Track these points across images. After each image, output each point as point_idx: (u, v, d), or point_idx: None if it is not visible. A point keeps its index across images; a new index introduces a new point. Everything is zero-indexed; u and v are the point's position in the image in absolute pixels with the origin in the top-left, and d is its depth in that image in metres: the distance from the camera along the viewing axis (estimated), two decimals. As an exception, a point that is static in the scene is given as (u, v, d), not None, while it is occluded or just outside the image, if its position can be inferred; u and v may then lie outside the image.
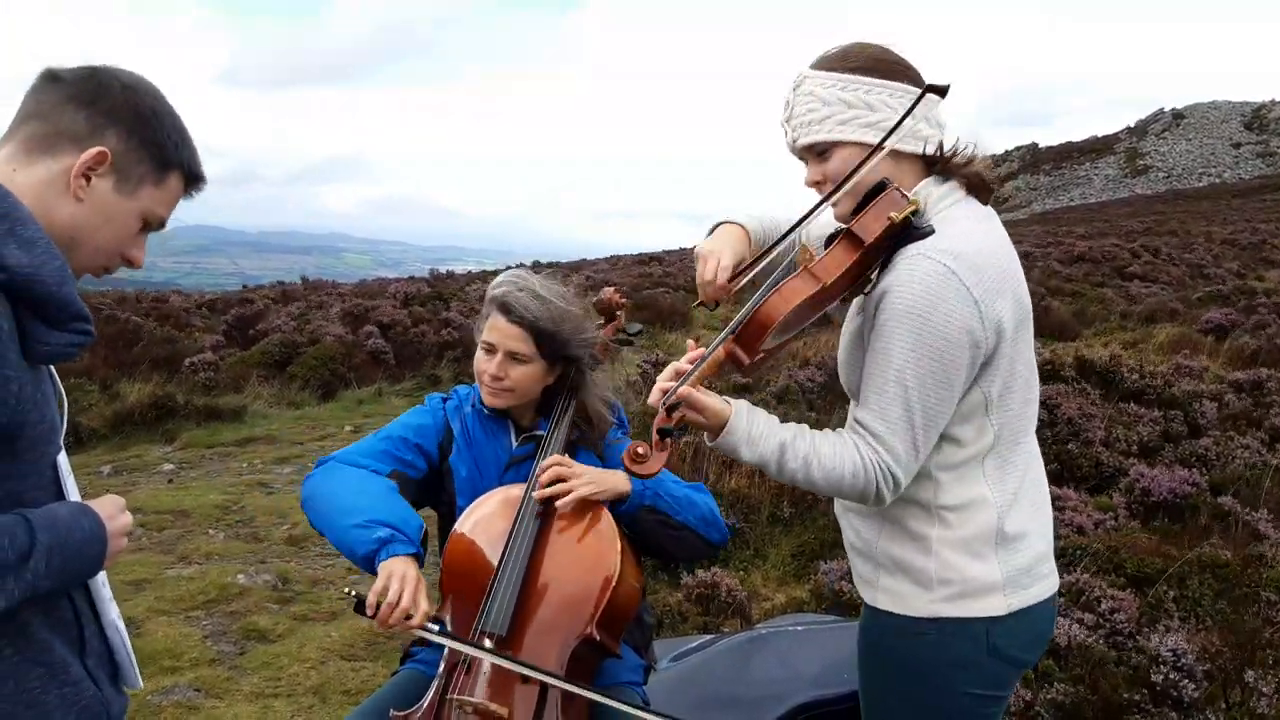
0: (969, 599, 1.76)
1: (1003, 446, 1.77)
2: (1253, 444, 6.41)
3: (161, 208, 1.51)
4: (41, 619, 1.36)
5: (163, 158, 1.48)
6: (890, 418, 1.67)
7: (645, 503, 2.16)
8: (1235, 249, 25.15)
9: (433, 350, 13.07)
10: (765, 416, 1.73)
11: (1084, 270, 20.24)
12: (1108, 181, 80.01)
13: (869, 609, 1.90)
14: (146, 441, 9.09)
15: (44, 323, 1.31)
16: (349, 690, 3.99)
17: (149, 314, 15.22)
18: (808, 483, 1.72)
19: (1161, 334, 11.82)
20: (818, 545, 5.41)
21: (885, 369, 1.67)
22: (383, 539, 1.96)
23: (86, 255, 1.46)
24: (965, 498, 1.76)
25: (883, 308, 1.68)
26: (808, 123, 1.77)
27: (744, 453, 1.70)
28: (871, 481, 1.68)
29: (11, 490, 1.32)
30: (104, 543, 1.38)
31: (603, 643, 2.03)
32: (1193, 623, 4.07)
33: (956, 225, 1.71)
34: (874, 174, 1.74)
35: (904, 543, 1.80)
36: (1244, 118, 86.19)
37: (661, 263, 26.42)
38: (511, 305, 2.20)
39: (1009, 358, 1.72)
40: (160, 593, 4.98)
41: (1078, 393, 7.13)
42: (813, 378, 7.96)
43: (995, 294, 1.67)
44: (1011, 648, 1.79)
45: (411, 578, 1.92)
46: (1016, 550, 1.78)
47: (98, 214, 1.43)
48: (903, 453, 1.68)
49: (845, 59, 1.76)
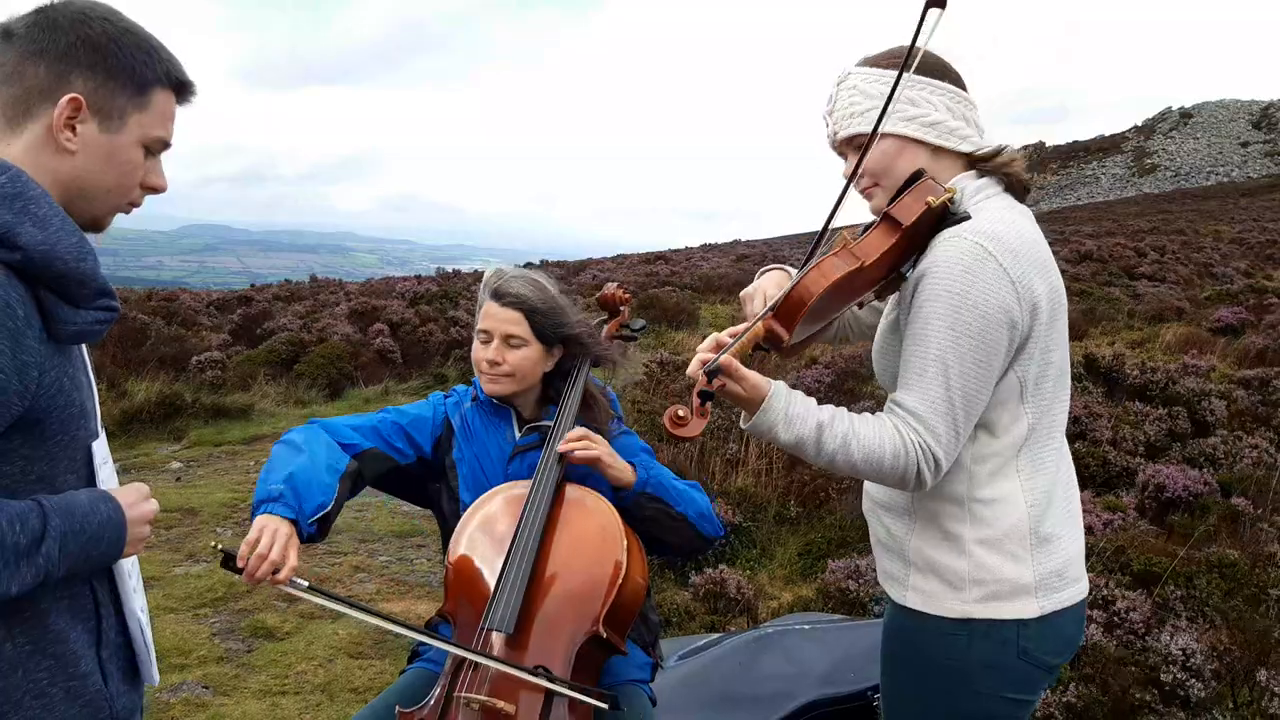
0: (1001, 600, 1.75)
1: (1035, 441, 1.77)
2: (1261, 443, 6.40)
3: (157, 129, 1.45)
4: (59, 606, 1.36)
5: (137, 81, 1.40)
6: (931, 398, 1.66)
7: (649, 490, 2.19)
8: (1243, 248, 25.06)
9: (440, 349, 13.08)
10: (803, 397, 1.71)
11: (1091, 269, 20.18)
12: (1115, 180, 79.82)
13: (896, 607, 1.88)
14: (154, 440, 9.12)
15: (66, 301, 1.31)
16: (356, 688, 4.00)
17: (156, 312, 15.24)
18: (847, 464, 1.68)
19: (1169, 333, 11.79)
20: (825, 544, 5.41)
21: (925, 350, 1.67)
22: (271, 495, 1.93)
23: (103, 200, 1.43)
24: (999, 493, 1.76)
25: (920, 289, 1.69)
26: (849, 115, 1.78)
27: (780, 432, 1.68)
28: (913, 463, 1.66)
29: (43, 474, 1.33)
30: (123, 529, 1.38)
31: (609, 640, 2.03)
32: (1201, 622, 4.06)
33: (993, 212, 1.72)
34: (909, 166, 1.75)
35: (937, 541, 1.79)
36: (1252, 116, 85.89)
37: (668, 261, 26.41)
38: (504, 290, 2.24)
39: (1043, 343, 1.72)
40: (168, 590, 5.00)
41: (1081, 390, 7.13)
42: (820, 378, 7.95)
43: (1030, 275, 1.67)
44: (1041, 651, 1.78)
45: (283, 533, 1.87)
46: (1050, 552, 1.77)
47: (96, 159, 1.39)
48: (944, 433, 1.66)
49: (891, 56, 1.78)
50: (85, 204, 1.41)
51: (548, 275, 2.34)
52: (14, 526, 1.22)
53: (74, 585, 1.38)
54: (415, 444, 2.29)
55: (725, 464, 6.42)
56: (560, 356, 2.31)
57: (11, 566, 1.22)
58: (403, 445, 2.27)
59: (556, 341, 2.28)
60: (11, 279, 1.25)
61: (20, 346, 1.24)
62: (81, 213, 1.41)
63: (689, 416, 1.63)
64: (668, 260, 26.98)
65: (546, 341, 2.26)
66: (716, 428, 6.77)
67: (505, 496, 2.20)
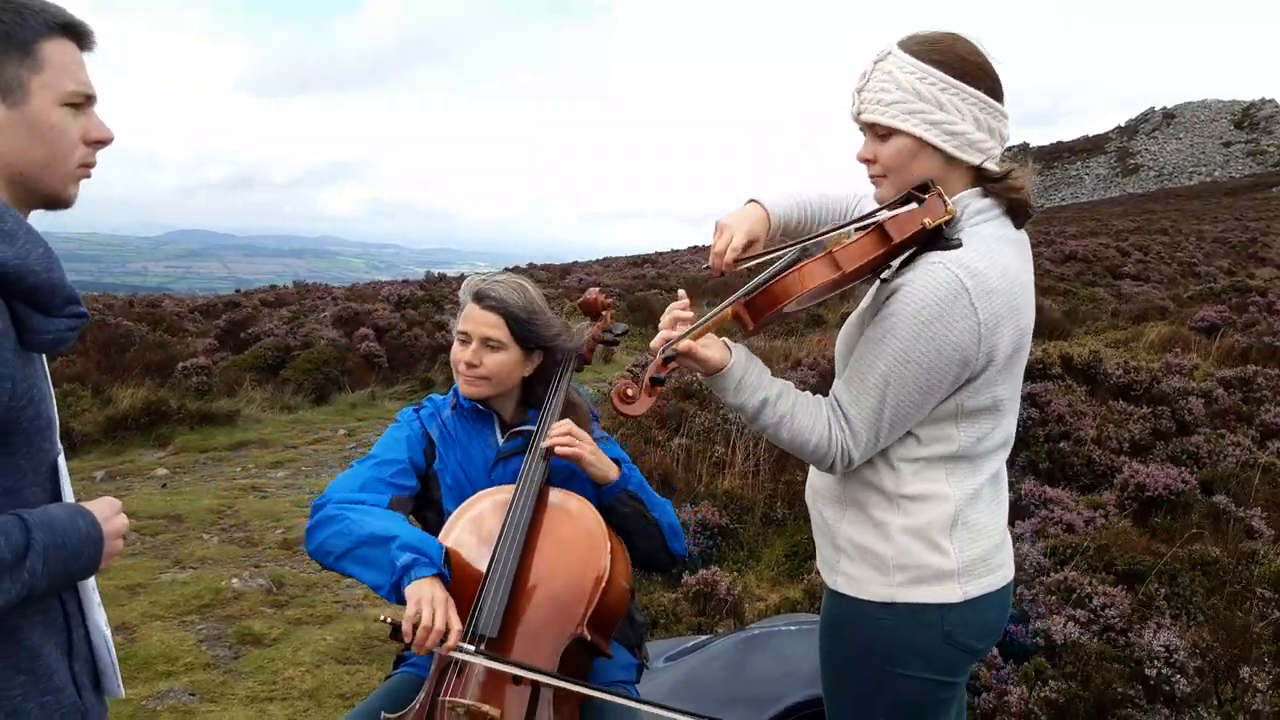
0: (925, 584, 1.81)
1: (967, 458, 1.82)
2: (1243, 441, 6.45)
3: (66, 83, 1.37)
4: (31, 622, 1.36)
5: (17, 43, 1.32)
6: (864, 407, 1.76)
7: (630, 489, 2.22)
8: (1226, 247, 25.26)
9: (426, 353, 13.06)
10: (761, 369, 1.82)
11: (1075, 269, 20.30)
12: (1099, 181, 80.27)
13: (830, 593, 1.95)
14: (140, 446, 9.08)
15: (39, 311, 1.30)
16: (344, 694, 3.99)
17: (141, 319, 15.17)
18: (774, 438, 1.82)
19: (1152, 332, 11.86)
20: (811, 545, 5.40)
21: (874, 363, 1.74)
22: (406, 564, 1.97)
23: (46, 172, 1.38)
24: (925, 490, 1.81)
25: (891, 302, 1.73)
26: (877, 101, 1.78)
27: (729, 397, 1.81)
28: (831, 455, 1.79)
29: (9, 487, 1.32)
30: (100, 544, 1.38)
31: (594, 642, 2.04)
32: (1184, 619, 4.09)
33: (983, 243, 1.74)
34: (925, 170, 1.77)
35: (865, 528, 1.86)
36: (1234, 116, 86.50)
37: (654, 264, 26.43)
38: (485, 293, 2.26)
39: (992, 381, 1.77)
40: (155, 597, 4.98)
41: (1064, 390, 7.17)
42: (805, 379, 7.97)
43: (999, 320, 1.70)
44: (964, 635, 1.83)
45: (440, 599, 1.94)
46: (973, 539, 1.82)
47: (19, 138, 1.34)
48: (865, 440, 1.78)
49: (933, 49, 1.77)
50: (34, 183, 1.37)
51: (531, 281, 2.35)
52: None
53: (46, 600, 1.37)
54: (414, 465, 2.29)
55: (712, 466, 6.43)
56: (540, 363, 2.32)
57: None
58: (405, 479, 2.27)
59: (535, 347, 2.29)
60: None
61: None
62: (34, 193, 1.38)
63: (637, 395, 1.75)
64: (654, 263, 27.00)
65: (525, 346, 2.27)
66: (704, 430, 6.78)
67: (489, 501, 2.21)
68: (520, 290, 2.28)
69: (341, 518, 2.09)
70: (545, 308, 2.32)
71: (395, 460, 2.27)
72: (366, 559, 2.02)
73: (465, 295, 2.30)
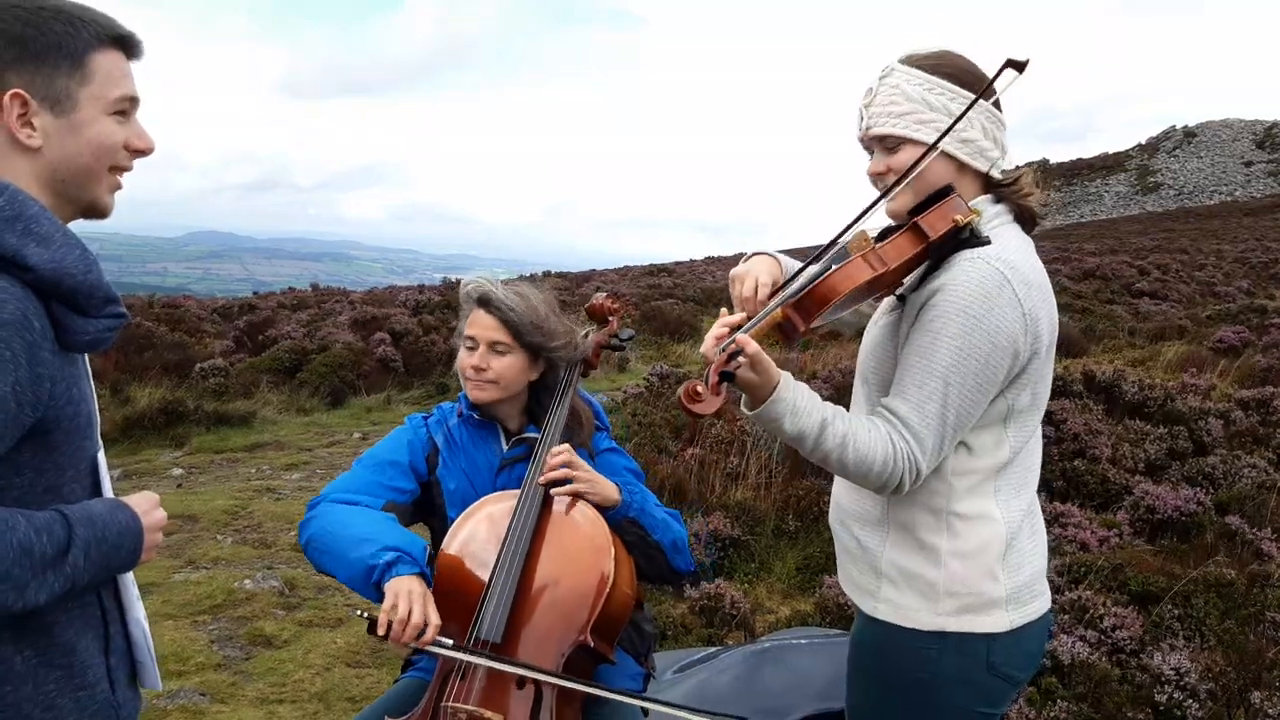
0: (975, 614, 1.77)
1: (1017, 465, 1.81)
2: (1260, 463, 6.39)
3: (113, 91, 1.39)
4: (69, 617, 1.38)
5: (69, 55, 1.35)
6: (927, 412, 1.70)
7: (630, 515, 2.20)
8: (1245, 267, 25.07)
9: (442, 358, 13.09)
10: (808, 390, 1.74)
11: (1093, 287, 20.19)
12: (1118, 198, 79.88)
13: (865, 619, 1.89)
14: (156, 446, 9.13)
15: (77, 313, 1.32)
16: (353, 697, 4.01)
17: (160, 319, 15.26)
18: (839, 463, 1.71)
19: (1170, 351, 11.78)
20: (823, 558, 5.41)
21: (930, 364, 1.70)
22: (388, 561, 1.98)
23: (90, 180, 1.40)
24: (976, 509, 1.78)
25: (933, 304, 1.71)
26: (886, 114, 1.80)
27: (786, 423, 1.69)
28: (898, 471, 1.69)
29: (51, 484, 1.34)
30: (140, 537, 1.40)
31: (597, 649, 2.05)
32: (1197, 642, 4.06)
33: (1011, 241, 1.77)
34: (939, 178, 1.79)
35: (912, 552, 1.81)
36: (1255, 136, 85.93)
37: (671, 274, 26.43)
38: (490, 298, 2.27)
39: (1036, 375, 1.77)
40: (167, 597, 5.01)
41: (1081, 409, 7.13)
42: (820, 391, 7.92)
43: (1039, 311, 1.72)
44: (1008, 665, 1.80)
45: (419, 593, 1.95)
46: (1019, 566, 1.80)
47: (66, 146, 1.36)
48: (931, 446, 1.70)
49: (937, 62, 1.81)
50: (76, 191, 1.40)
51: (537, 287, 2.37)
52: (40, 537, 1.24)
53: (85, 595, 1.39)
54: (414, 471, 2.31)
55: (725, 478, 6.42)
56: (546, 368, 2.34)
57: (40, 577, 1.23)
58: (403, 483, 2.28)
59: (541, 353, 2.30)
60: (28, 293, 1.27)
61: (36, 359, 1.26)
62: (75, 200, 1.41)
63: (705, 394, 1.64)
64: (670, 272, 27.00)
65: (531, 351, 2.28)
66: (719, 441, 6.77)
67: (493, 507, 2.22)
68: (524, 296, 2.29)
69: (332, 517, 2.12)
70: (550, 313, 2.32)
71: (394, 462, 2.28)
72: (350, 558, 2.03)
73: (469, 300, 2.31)
